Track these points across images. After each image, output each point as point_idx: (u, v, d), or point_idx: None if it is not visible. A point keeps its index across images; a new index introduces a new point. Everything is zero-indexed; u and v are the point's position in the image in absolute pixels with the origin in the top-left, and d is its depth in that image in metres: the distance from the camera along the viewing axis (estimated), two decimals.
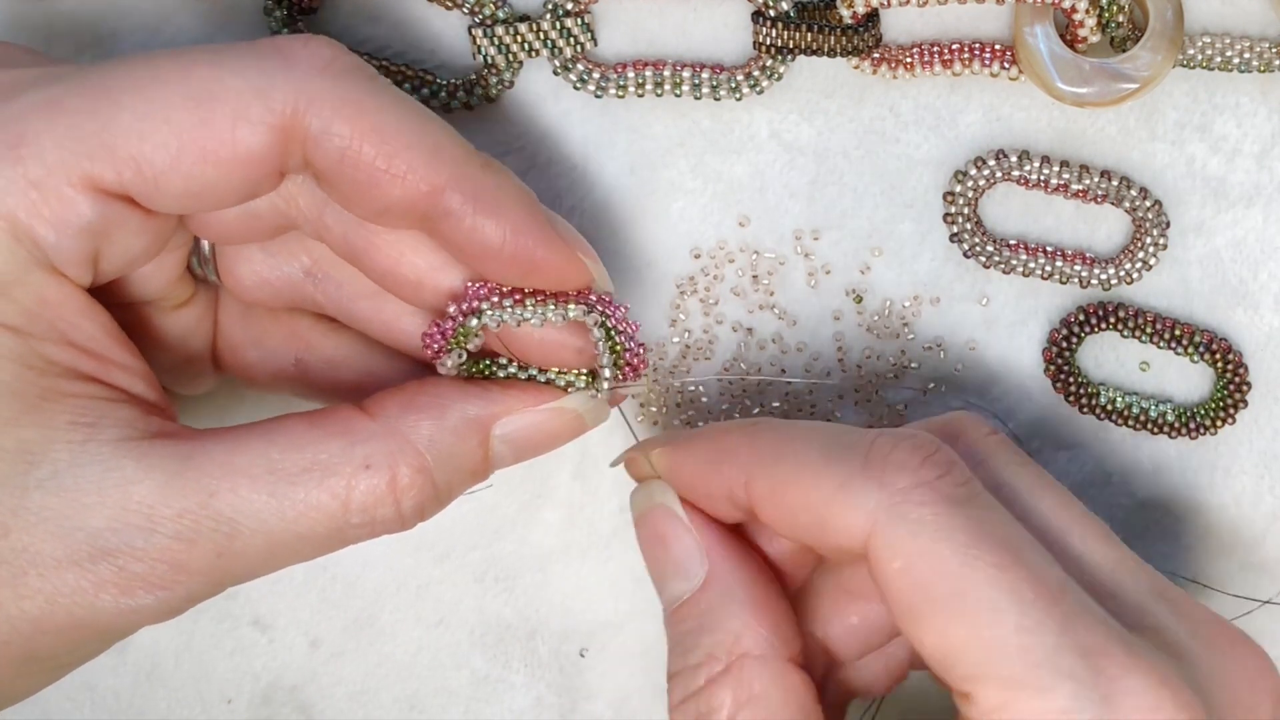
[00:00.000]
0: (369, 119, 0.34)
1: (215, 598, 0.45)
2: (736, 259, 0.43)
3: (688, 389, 0.44)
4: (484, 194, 0.35)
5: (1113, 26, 0.41)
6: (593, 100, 0.42)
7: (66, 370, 0.33)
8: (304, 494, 0.34)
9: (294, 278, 0.39)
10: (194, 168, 0.33)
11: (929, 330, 0.43)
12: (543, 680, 0.46)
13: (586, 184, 0.43)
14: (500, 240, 0.35)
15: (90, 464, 0.33)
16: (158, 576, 0.33)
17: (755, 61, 0.42)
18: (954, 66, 0.41)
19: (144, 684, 0.46)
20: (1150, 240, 0.42)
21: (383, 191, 0.34)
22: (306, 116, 0.33)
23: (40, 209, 0.32)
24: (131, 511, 0.33)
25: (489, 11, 0.41)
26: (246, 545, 0.33)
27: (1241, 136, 0.42)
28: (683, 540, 0.37)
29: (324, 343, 0.40)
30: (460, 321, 0.36)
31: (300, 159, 0.34)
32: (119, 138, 0.33)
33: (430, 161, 0.34)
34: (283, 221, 0.37)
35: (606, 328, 0.37)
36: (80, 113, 0.33)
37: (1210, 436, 0.43)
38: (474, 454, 0.36)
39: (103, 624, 0.33)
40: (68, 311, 0.34)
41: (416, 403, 0.36)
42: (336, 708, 0.46)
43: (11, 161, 0.32)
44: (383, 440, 0.35)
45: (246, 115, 0.33)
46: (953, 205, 0.42)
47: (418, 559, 0.45)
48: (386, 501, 0.34)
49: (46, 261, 0.33)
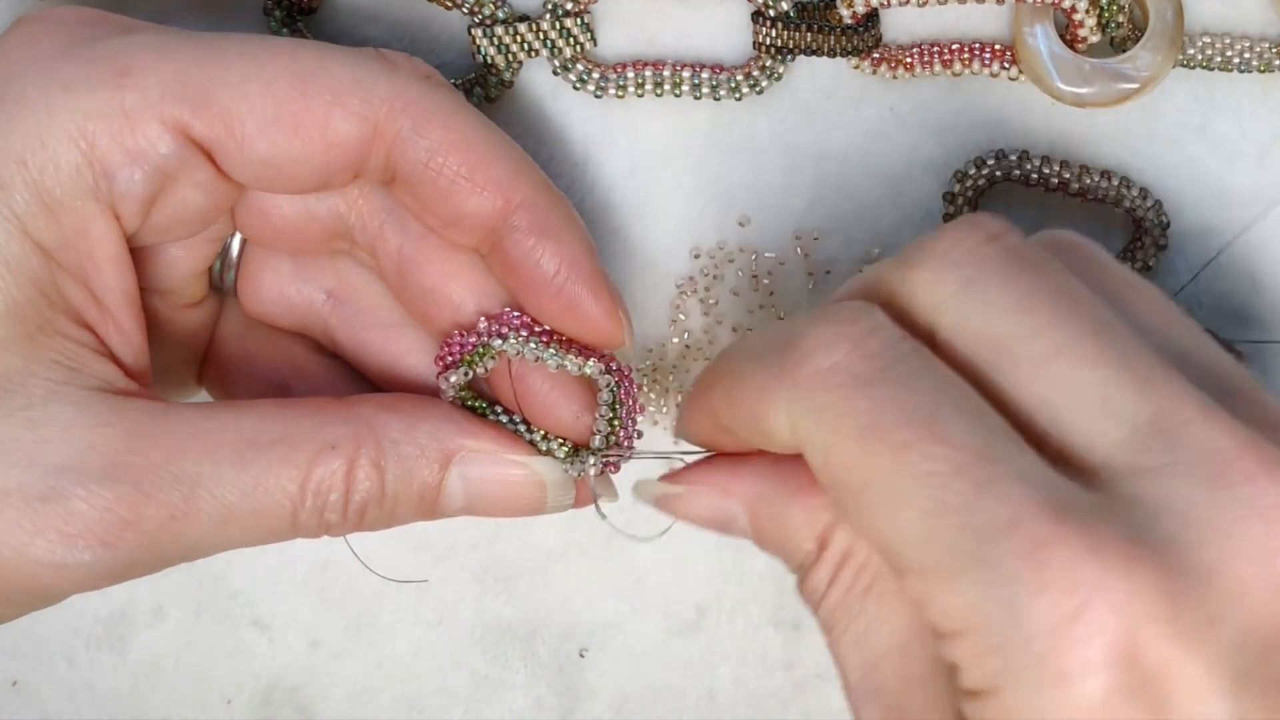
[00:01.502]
0: (459, 129, 0.35)
1: (215, 598, 0.46)
2: (736, 259, 0.43)
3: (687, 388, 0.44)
4: (551, 223, 0.36)
5: (1113, 26, 0.41)
6: (593, 100, 0.42)
7: (71, 311, 0.34)
8: (269, 465, 0.33)
9: (313, 298, 0.39)
10: (282, 139, 0.34)
11: None
12: (543, 680, 0.46)
13: (586, 184, 0.43)
14: (554, 270, 0.36)
15: (65, 403, 0.33)
16: (104, 529, 0.32)
17: (755, 61, 0.42)
18: (954, 66, 0.41)
19: (144, 684, 0.46)
20: (1150, 240, 0.42)
21: (461, 199, 0.35)
22: (400, 116, 0.34)
23: (124, 139, 0.33)
24: (96, 453, 0.32)
25: (489, 11, 0.41)
26: (201, 510, 0.33)
27: (1241, 137, 0.42)
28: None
29: (315, 372, 0.40)
30: (485, 339, 0.37)
31: (383, 159, 0.35)
32: (220, 91, 0.33)
33: (509, 178, 0.35)
34: (338, 226, 0.37)
35: (615, 397, 0.37)
36: (190, 60, 0.34)
37: None
38: (428, 476, 0.35)
39: (25, 575, 0.32)
40: (100, 254, 0.34)
41: (395, 406, 0.36)
42: (336, 708, 0.46)
43: (114, 88, 0.33)
44: (352, 426, 0.35)
45: (344, 102, 0.34)
46: (952, 205, 0.42)
47: (418, 559, 0.46)
48: (339, 488, 0.34)
49: (107, 196, 0.34)
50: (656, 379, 0.44)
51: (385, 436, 0.35)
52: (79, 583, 0.33)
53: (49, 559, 0.32)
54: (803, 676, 0.45)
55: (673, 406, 0.44)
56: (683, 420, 0.37)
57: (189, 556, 0.34)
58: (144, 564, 0.34)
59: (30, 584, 0.33)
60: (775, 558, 0.34)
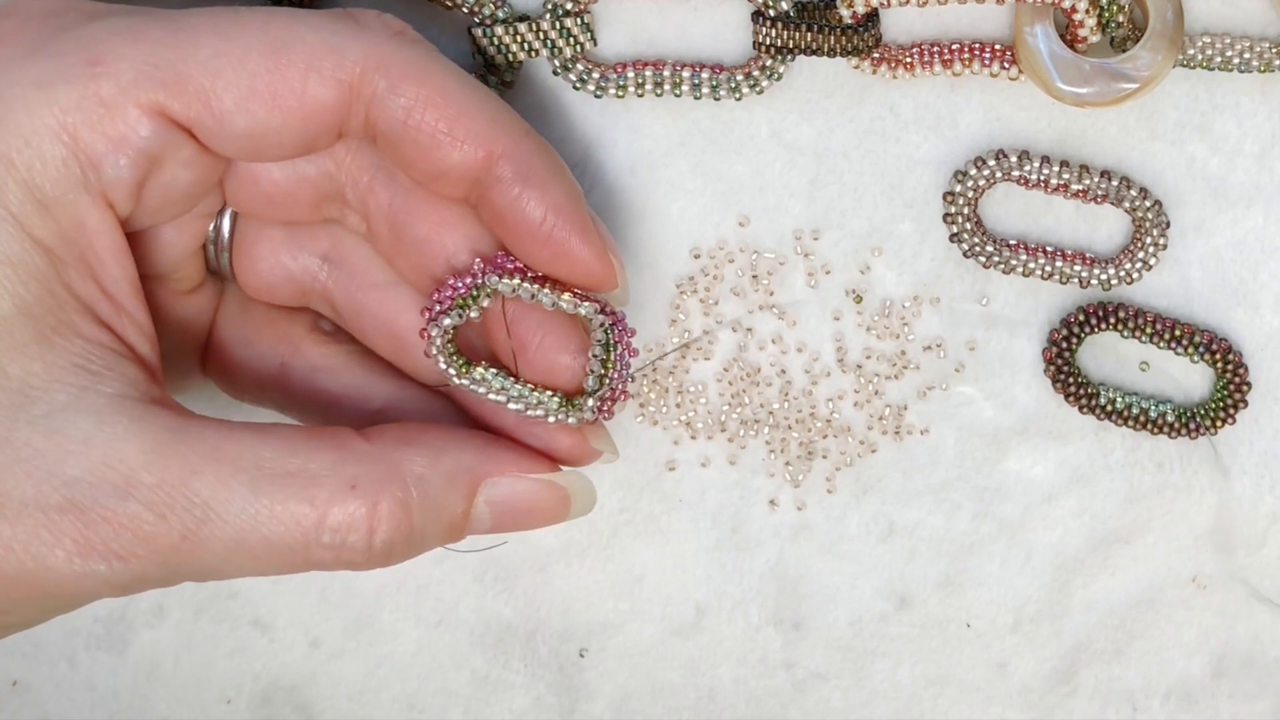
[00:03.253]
0: (434, 83, 0.35)
1: (215, 598, 0.46)
2: (736, 259, 0.43)
3: (687, 388, 0.44)
4: (535, 170, 0.36)
5: (1113, 26, 0.41)
6: (593, 100, 0.42)
7: (84, 308, 0.34)
8: (283, 497, 0.33)
9: (309, 265, 0.39)
10: (261, 111, 0.34)
11: (929, 330, 0.43)
12: (543, 680, 0.46)
13: (586, 184, 0.43)
14: (540, 217, 0.36)
15: (85, 413, 0.33)
16: (119, 544, 0.32)
17: (755, 61, 0.42)
18: (954, 66, 0.41)
19: (144, 684, 0.46)
20: (1150, 240, 0.42)
21: (442, 154, 0.35)
22: (375, 76, 0.34)
23: (105, 128, 0.33)
24: (112, 469, 0.32)
25: (489, 11, 0.41)
26: (213, 535, 0.33)
27: (1241, 136, 0.42)
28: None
29: (312, 351, 0.40)
30: (480, 280, 0.37)
31: (362, 119, 0.35)
32: (194, 70, 0.33)
33: (489, 129, 0.35)
34: (329, 187, 0.37)
35: (608, 339, 0.37)
36: (160, 42, 0.34)
37: (1210, 436, 0.43)
38: (457, 506, 0.36)
39: (48, 583, 0.33)
40: (100, 246, 0.34)
41: (415, 439, 0.36)
42: (336, 708, 0.46)
43: (86, 79, 0.33)
44: (375, 465, 0.34)
45: (319, 68, 0.34)
46: (952, 205, 0.42)
47: (418, 559, 0.45)
48: (361, 529, 0.34)
49: (97, 185, 0.33)
50: (656, 379, 0.44)
51: (409, 473, 0.35)
52: (97, 590, 0.33)
53: (68, 567, 0.32)
54: (803, 676, 0.45)
55: (673, 406, 0.44)
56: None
57: (202, 577, 0.34)
58: (157, 579, 0.34)
59: (54, 590, 0.33)
60: None
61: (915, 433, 0.44)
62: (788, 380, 0.44)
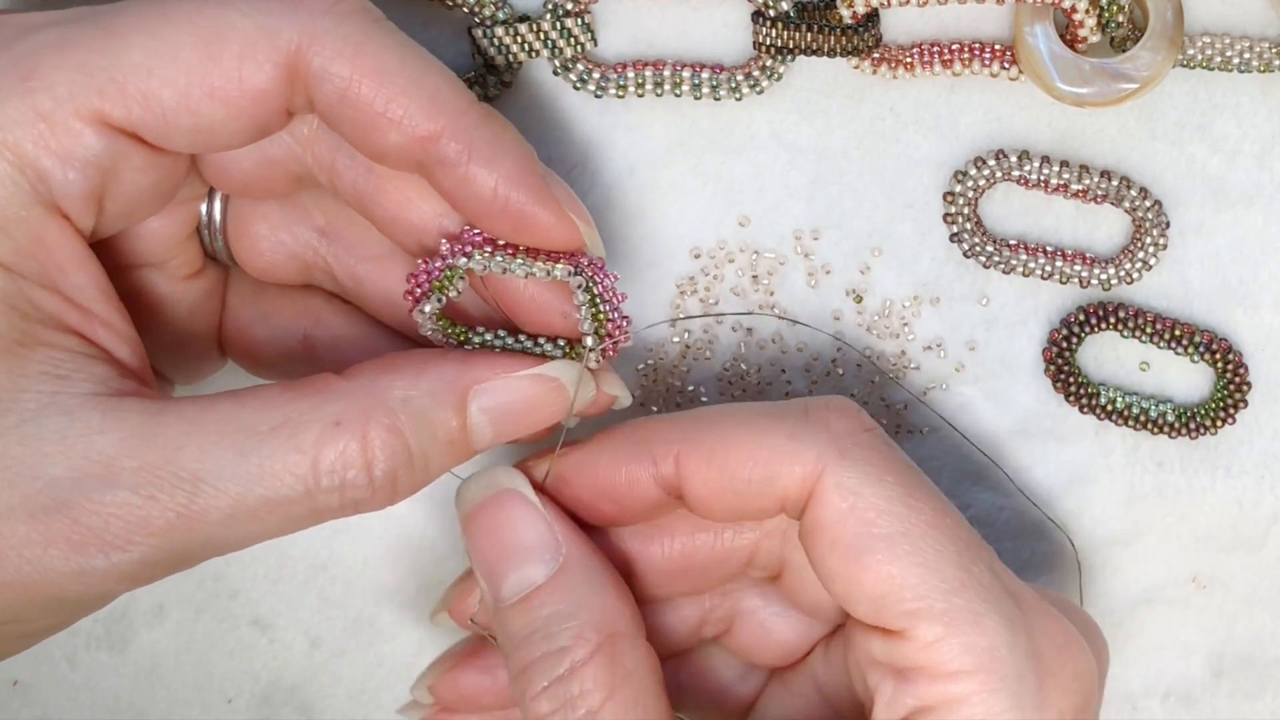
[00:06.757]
0: (369, 60, 0.34)
1: (215, 598, 0.46)
2: (736, 259, 0.43)
3: (687, 388, 0.44)
4: (480, 144, 0.35)
5: (1113, 26, 0.41)
6: (593, 100, 0.42)
7: (49, 318, 0.33)
8: (270, 452, 0.33)
9: (307, 239, 0.39)
10: (202, 105, 0.34)
11: (929, 330, 0.43)
12: None
13: (586, 184, 0.43)
14: (491, 190, 0.35)
15: (57, 414, 0.32)
16: (112, 533, 0.32)
17: (755, 61, 0.42)
18: (954, 66, 0.41)
19: (144, 684, 0.46)
20: (1150, 240, 0.42)
21: (381, 134, 0.34)
22: (309, 55, 0.34)
23: (48, 141, 0.33)
24: (92, 461, 0.32)
25: (489, 12, 0.41)
26: (209, 506, 0.33)
27: (1241, 136, 0.42)
28: (535, 523, 0.37)
29: (333, 319, 0.40)
30: (449, 262, 0.36)
31: (305, 98, 0.34)
32: (128, 74, 0.33)
33: (428, 107, 0.34)
34: (298, 168, 0.37)
35: (592, 292, 0.37)
36: (91, 50, 0.33)
37: (1210, 436, 0.43)
38: (450, 420, 0.35)
39: (50, 586, 0.32)
40: (61, 257, 0.34)
41: (393, 365, 0.35)
42: (336, 708, 0.46)
43: (21, 94, 0.33)
44: (354, 398, 0.34)
45: (253, 54, 0.34)
46: (953, 205, 0.42)
47: (418, 559, 0.46)
48: (357, 463, 0.33)
49: (49, 199, 0.33)
50: (656, 379, 0.44)
51: (392, 399, 0.34)
52: (104, 585, 0.33)
53: (65, 568, 0.32)
54: None
55: (673, 406, 0.44)
56: (587, 461, 0.37)
57: (211, 552, 0.34)
58: (166, 563, 0.33)
59: (57, 592, 0.33)
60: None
61: (916, 433, 0.44)
62: (788, 380, 0.44)
